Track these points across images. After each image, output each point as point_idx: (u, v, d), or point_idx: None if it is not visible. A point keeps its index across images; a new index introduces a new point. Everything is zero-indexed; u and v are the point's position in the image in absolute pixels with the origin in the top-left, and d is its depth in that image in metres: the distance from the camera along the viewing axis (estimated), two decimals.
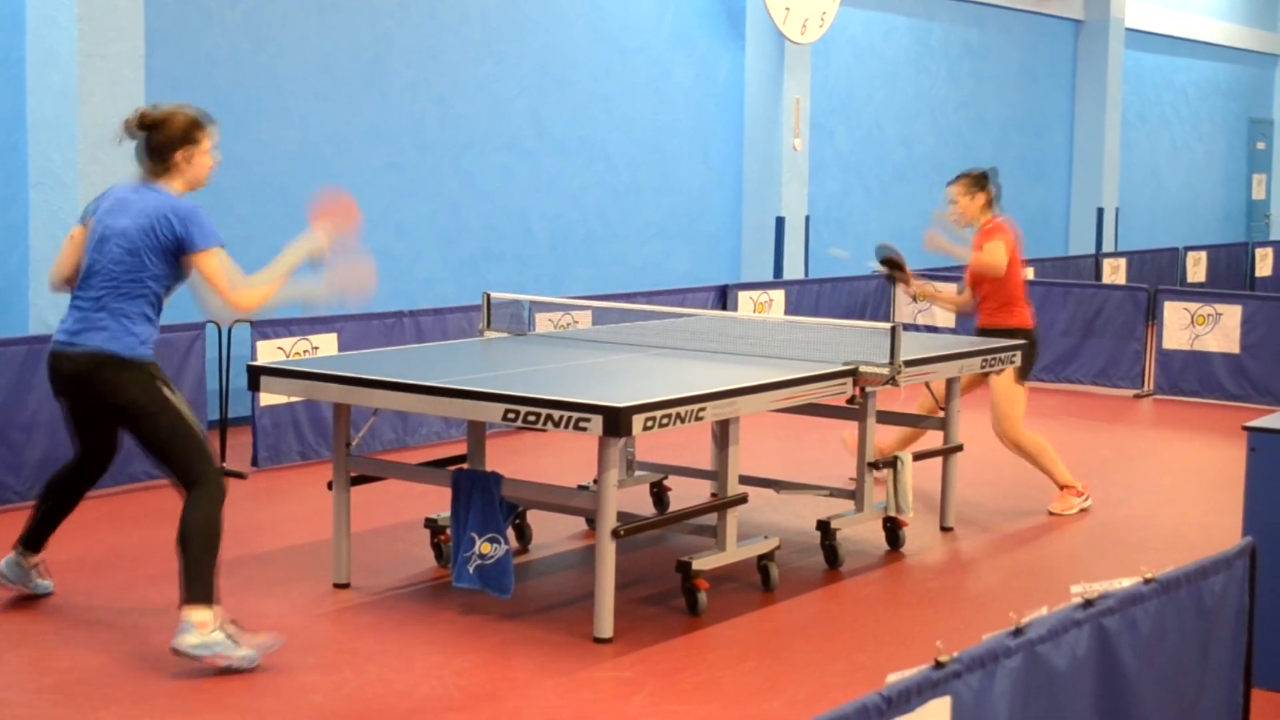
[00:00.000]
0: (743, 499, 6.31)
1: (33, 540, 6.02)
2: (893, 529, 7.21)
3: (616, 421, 5.37)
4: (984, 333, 8.14)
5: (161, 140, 5.51)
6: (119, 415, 5.58)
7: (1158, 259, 17.41)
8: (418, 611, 6.09)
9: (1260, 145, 23.32)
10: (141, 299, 5.49)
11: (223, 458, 8.63)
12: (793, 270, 13.81)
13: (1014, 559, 7.16)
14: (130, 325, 5.49)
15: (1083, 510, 8.05)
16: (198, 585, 5.29)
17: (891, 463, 7.04)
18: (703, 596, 6.08)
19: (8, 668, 5.38)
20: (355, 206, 5.93)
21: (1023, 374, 7.96)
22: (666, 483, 7.87)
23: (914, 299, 9.11)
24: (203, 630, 5.24)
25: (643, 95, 13.01)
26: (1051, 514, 7.98)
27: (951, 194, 8.51)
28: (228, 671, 5.25)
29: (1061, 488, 8.09)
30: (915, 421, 7.93)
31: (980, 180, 8.50)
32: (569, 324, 10.18)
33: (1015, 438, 8.02)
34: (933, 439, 7.67)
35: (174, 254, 5.47)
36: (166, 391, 5.53)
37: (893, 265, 8.70)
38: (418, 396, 5.90)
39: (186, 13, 9.74)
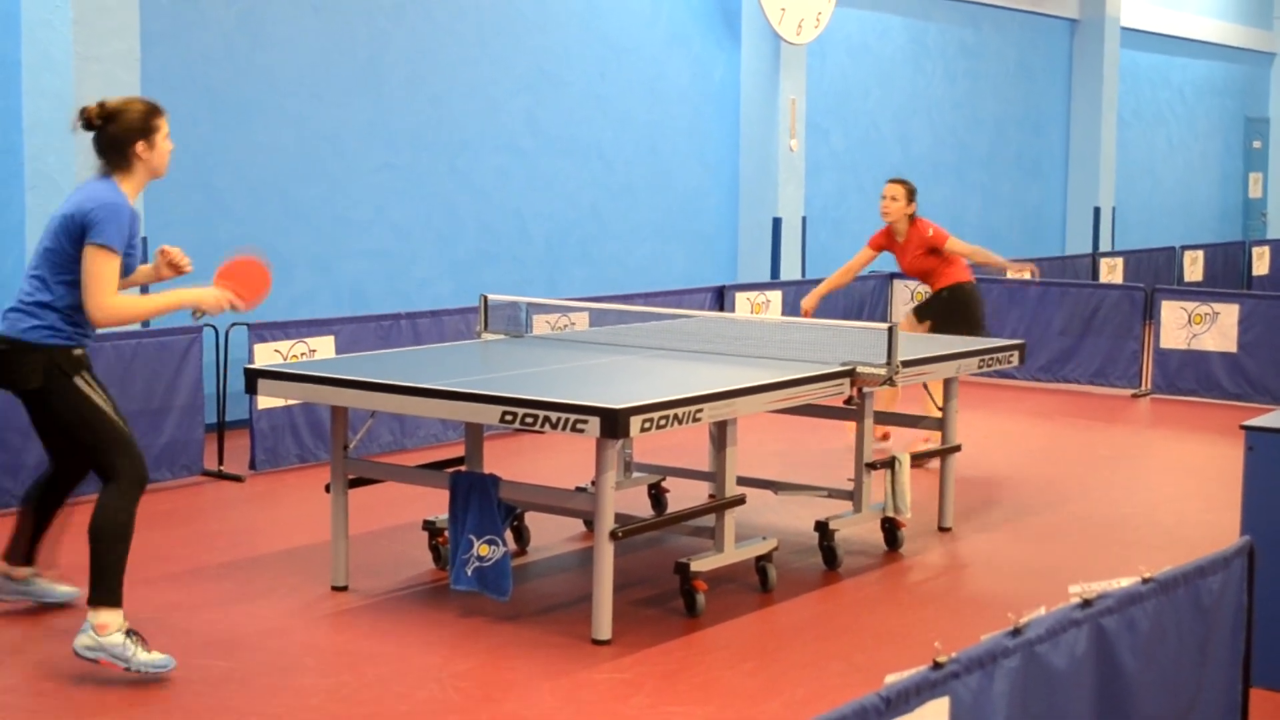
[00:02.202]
0: (741, 500, 6.31)
1: (12, 554, 5.87)
2: (891, 530, 7.21)
3: (614, 423, 5.37)
4: (936, 295, 9.39)
5: (119, 131, 5.40)
6: (32, 403, 5.44)
7: (1154, 258, 17.42)
8: (416, 614, 6.08)
9: (1256, 144, 23.33)
10: (61, 285, 5.32)
11: (220, 461, 8.63)
12: (790, 271, 13.81)
13: (1012, 559, 7.16)
14: (41, 312, 5.32)
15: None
16: (99, 586, 5.20)
17: (889, 463, 7.04)
18: (701, 598, 6.08)
19: (7, 671, 5.38)
20: (268, 280, 5.68)
21: (983, 323, 9.39)
22: (664, 484, 7.86)
23: None
24: (101, 632, 5.15)
25: (638, 95, 13.01)
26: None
27: (891, 191, 9.48)
28: (131, 675, 5.17)
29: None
30: (913, 422, 7.93)
31: (914, 191, 9.59)
32: (566, 325, 10.17)
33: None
34: (932, 439, 7.66)
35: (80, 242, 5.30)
36: (80, 381, 5.35)
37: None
38: (415, 399, 5.90)
39: (181, 13, 9.74)
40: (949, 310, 9.25)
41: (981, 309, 9.44)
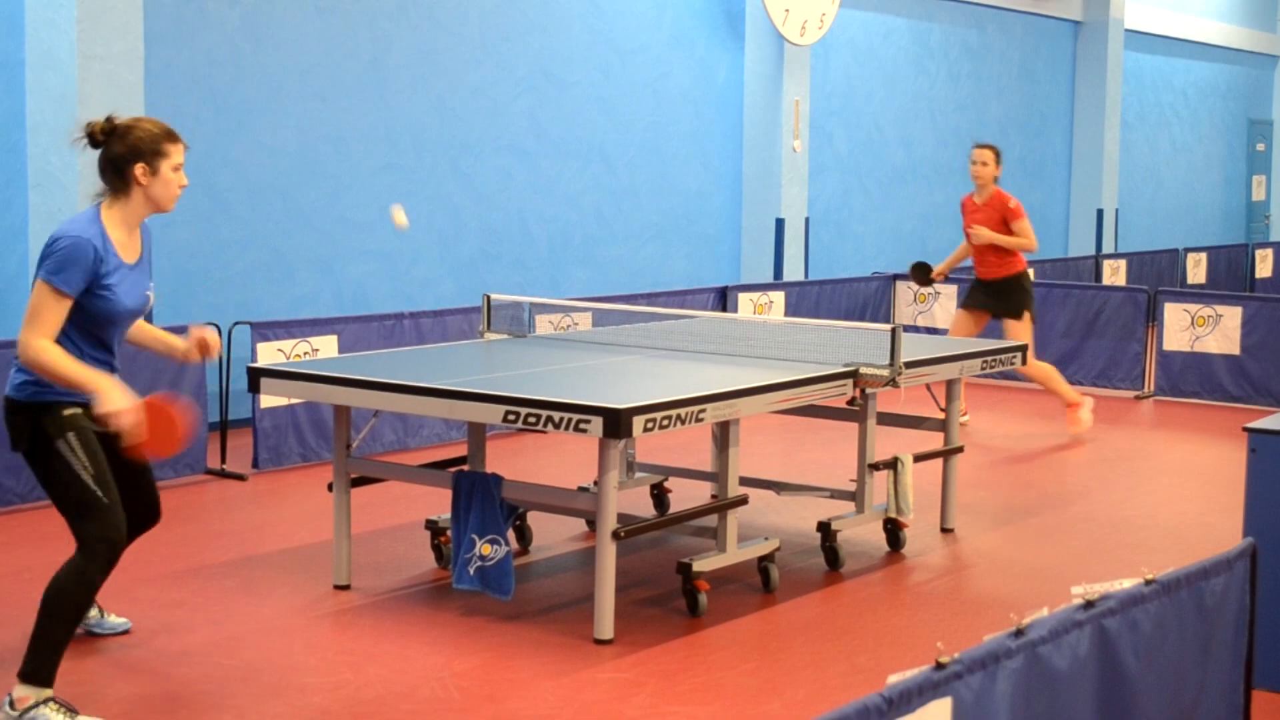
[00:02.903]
0: (743, 500, 6.31)
1: None
2: (893, 530, 7.21)
3: (617, 423, 5.37)
4: (991, 283, 10.19)
5: (121, 150, 4.91)
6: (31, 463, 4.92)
7: (1158, 260, 17.42)
8: (418, 613, 6.09)
9: (1260, 146, 23.32)
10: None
11: (223, 460, 8.64)
12: (793, 272, 13.81)
13: (1014, 560, 7.15)
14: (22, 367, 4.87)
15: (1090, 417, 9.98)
16: (33, 658, 4.76)
17: (892, 464, 7.04)
18: (703, 598, 6.08)
19: (13, 671, 5.37)
20: (178, 444, 4.92)
21: (1032, 310, 10.14)
22: (667, 484, 7.86)
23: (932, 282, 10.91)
24: (19, 706, 4.72)
25: (641, 97, 13.01)
26: (1072, 436, 9.86)
27: (982, 156, 10.24)
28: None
29: (1068, 406, 10.03)
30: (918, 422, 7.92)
31: (1000, 153, 10.39)
32: (569, 326, 10.17)
33: (1028, 368, 9.80)
34: (933, 440, 7.66)
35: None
36: (63, 444, 4.83)
37: (923, 276, 10.76)
38: (418, 398, 5.90)
39: (185, 14, 9.74)
40: (1016, 297, 10.17)
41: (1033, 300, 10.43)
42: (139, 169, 4.91)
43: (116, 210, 4.95)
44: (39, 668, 4.75)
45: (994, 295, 10.26)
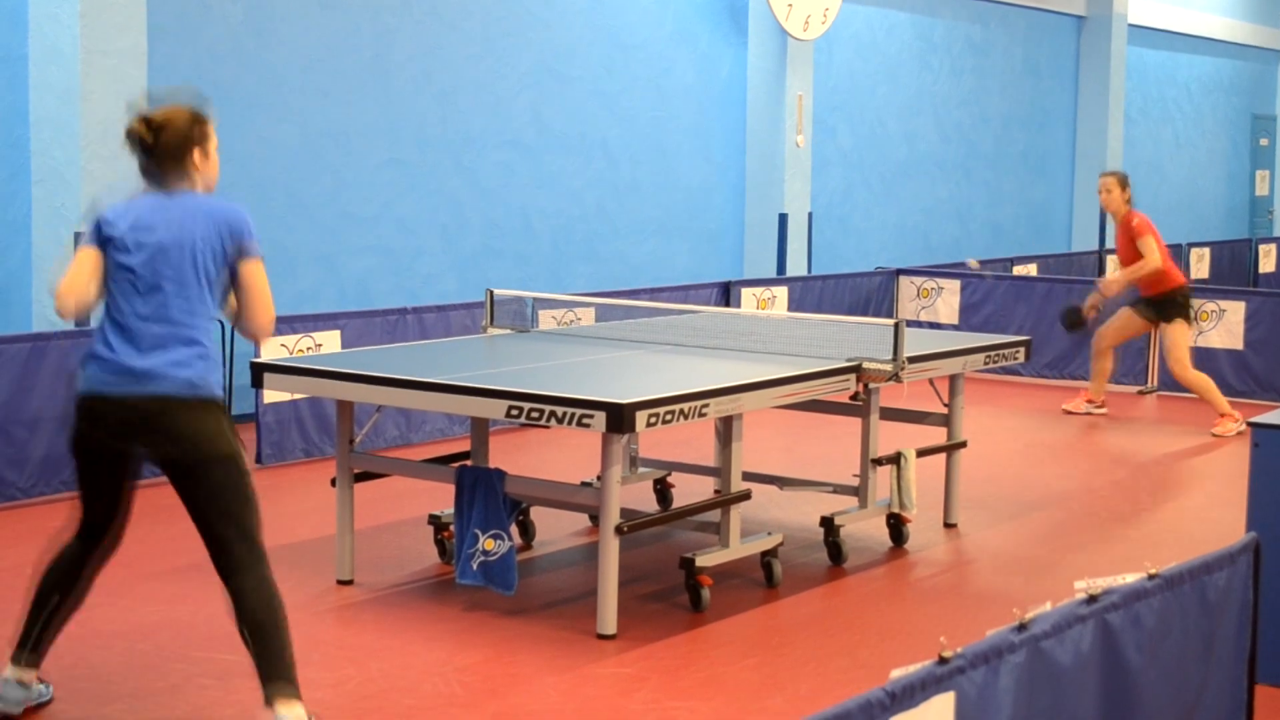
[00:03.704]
0: (746, 495, 6.31)
1: (21, 653, 4.85)
2: (896, 525, 7.21)
3: (620, 418, 5.37)
4: (1150, 299, 10.46)
5: (177, 141, 4.82)
6: (198, 468, 4.65)
7: None
8: (421, 608, 6.09)
9: (1263, 141, 23.30)
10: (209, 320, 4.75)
11: None
12: (796, 267, 13.81)
13: (1017, 555, 7.15)
14: (209, 353, 4.71)
15: (1239, 433, 9.98)
16: (287, 674, 4.55)
17: (895, 459, 7.04)
18: (706, 593, 6.08)
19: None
20: None
21: (1187, 318, 10.44)
22: (670, 479, 7.86)
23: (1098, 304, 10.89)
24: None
25: (644, 92, 13.01)
26: (1214, 435, 10.12)
27: (1104, 184, 10.70)
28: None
29: (1220, 415, 10.24)
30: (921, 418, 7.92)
31: (1126, 179, 10.78)
32: (572, 321, 10.17)
33: (1183, 374, 10.28)
34: (936, 435, 7.66)
35: (233, 264, 4.78)
36: (243, 449, 4.72)
37: (1075, 320, 10.85)
38: (421, 393, 5.90)
39: (188, 8, 9.74)
40: (1172, 308, 10.41)
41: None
42: (196, 154, 4.90)
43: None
44: (291, 672, 4.56)
45: (1155, 307, 10.52)
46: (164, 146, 4.81)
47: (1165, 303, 10.44)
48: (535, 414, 5.55)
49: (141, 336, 4.62)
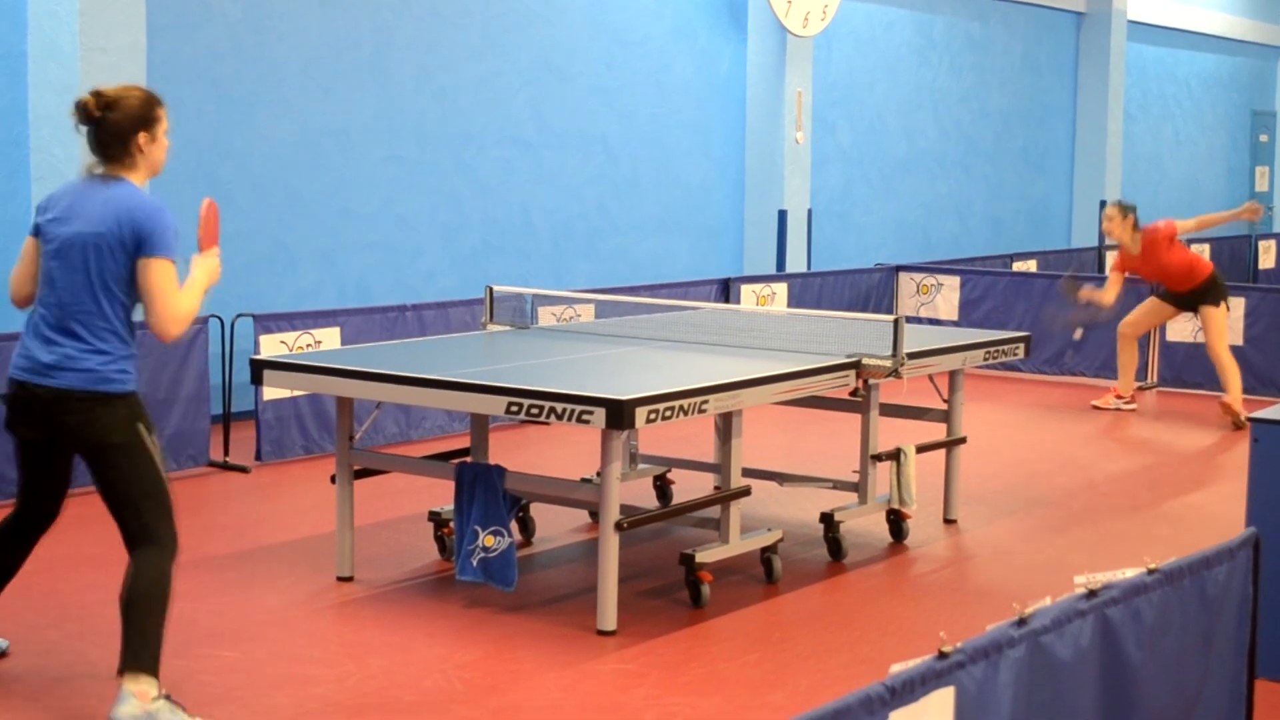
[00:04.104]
0: (746, 491, 6.31)
1: None
2: (896, 521, 7.21)
3: (619, 414, 5.37)
4: (1182, 293, 10.64)
5: (121, 121, 4.87)
6: (96, 457, 4.86)
7: None
8: (421, 604, 6.09)
9: (1263, 138, 23.29)
10: (125, 313, 4.85)
11: (226, 452, 8.64)
12: (795, 263, 13.80)
13: (1017, 550, 7.16)
14: (108, 348, 4.80)
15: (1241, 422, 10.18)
16: (145, 653, 4.72)
17: (895, 455, 7.04)
18: (706, 589, 6.08)
19: (14, 661, 5.38)
20: (215, 213, 5.14)
21: (1225, 300, 10.63)
22: (670, 475, 7.86)
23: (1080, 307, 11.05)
24: (144, 700, 4.68)
25: (644, 88, 13.00)
26: (1236, 419, 10.26)
27: (1108, 213, 10.89)
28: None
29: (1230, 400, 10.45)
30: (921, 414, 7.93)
31: (1129, 207, 10.90)
32: (571, 317, 10.17)
33: (1224, 353, 10.47)
34: (936, 431, 7.66)
35: (134, 256, 4.78)
36: (150, 438, 4.86)
37: (1073, 289, 11.08)
38: (421, 390, 5.90)
39: (187, 5, 9.74)
40: (1212, 292, 10.56)
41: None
42: (142, 137, 4.91)
43: (129, 179, 4.93)
44: (152, 659, 4.73)
45: (1191, 296, 10.64)
46: (111, 123, 4.88)
47: (1201, 292, 10.58)
48: (535, 410, 5.55)
49: (47, 328, 4.82)
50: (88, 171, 4.96)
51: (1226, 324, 10.69)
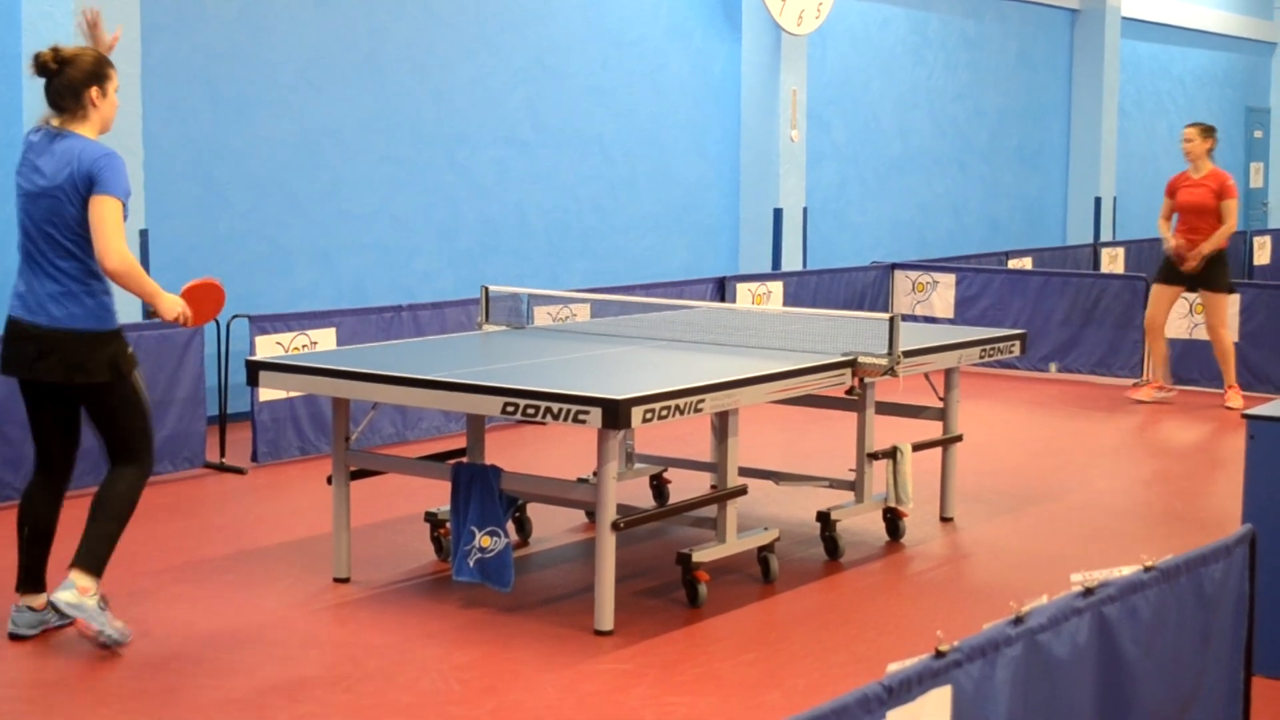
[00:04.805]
0: (742, 491, 6.31)
1: (27, 583, 5.58)
2: (892, 520, 7.22)
3: (615, 414, 5.37)
4: (1183, 273, 10.83)
5: (77, 76, 5.36)
6: (86, 398, 5.49)
7: (1156, 248, 17.31)
8: (418, 605, 6.09)
9: (1257, 134, 23.30)
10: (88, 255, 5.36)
11: (222, 453, 8.64)
12: (791, 262, 13.81)
13: (1014, 548, 7.16)
14: (81, 289, 5.37)
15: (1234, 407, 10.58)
16: (96, 556, 5.35)
17: (891, 453, 7.04)
18: (703, 588, 6.08)
19: (7, 664, 5.38)
20: (221, 304, 5.62)
21: (1222, 286, 10.86)
22: (666, 475, 7.86)
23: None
24: (83, 594, 5.28)
25: (639, 87, 13.00)
26: (1229, 408, 10.61)
27: (1187, 134, 11.26)
28: (97, 640, 5.34)
29: (1229, 386, 10.86)
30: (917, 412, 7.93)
31: (1211, 130, 11.28)
32: (567, 317, 10.17)
33: (1225, 337, 10.81)
34: (932, 429, 7.66)
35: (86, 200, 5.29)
36: (137, 374, 5.56)
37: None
38: (417, 390, 5.90)
39: (182, 6, 9.73)
40: (1219, 270, 10.83)
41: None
42: (94, 92, 5.40)
43: (81, 132, 5.39)
44: (99, 560, 5.36)
45: (1194, 274, 10.84)
46: (67, 77, 5.38)
47: (1213, 264, 10.81)
48: (531, 410, 5.55)
49: (30, 273, 5.40)
50: (45, 125, 5.43)
51: (1228, 313, 10.93)
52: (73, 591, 5.26)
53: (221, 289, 5.61)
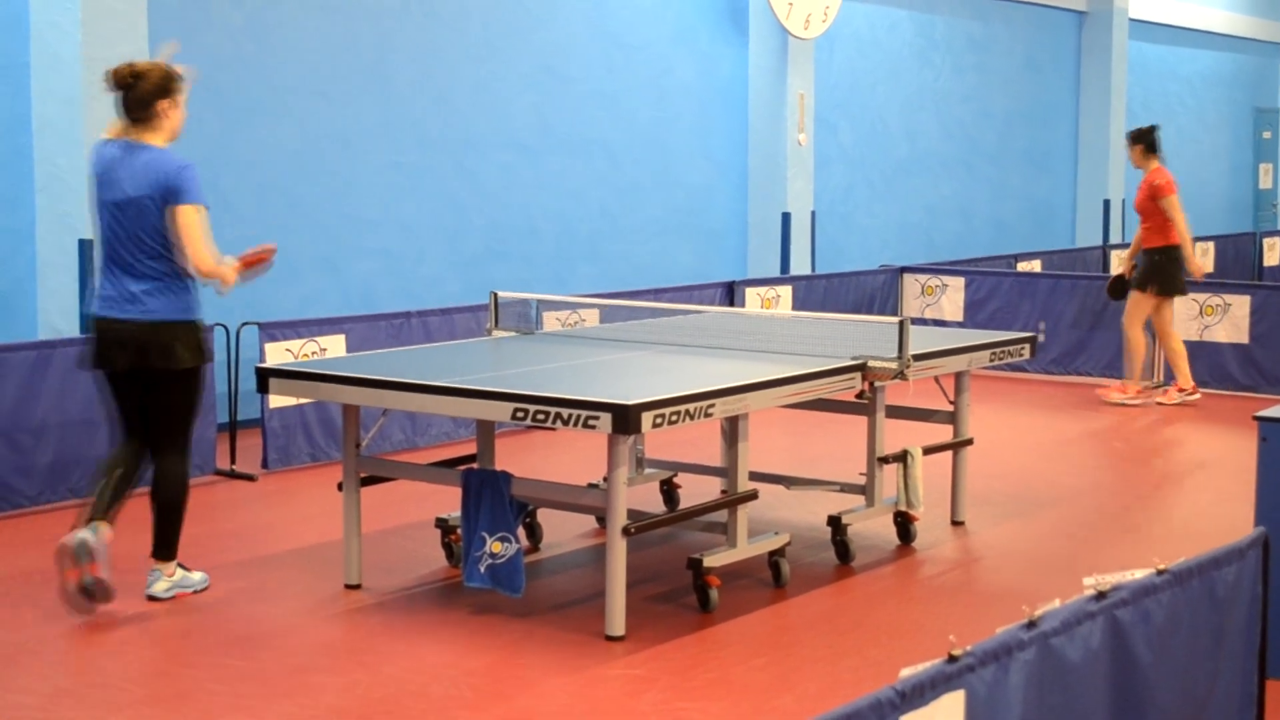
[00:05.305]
0: (753, 495, 6.30)
1: (107, 514, 5.93)
2: (904, 524, 7.20)
3: (625, 419, 5.37)
4: (1144, 251, 11.04)
5: (148, 89, 5.90)
6: (157, 383, 6.01)
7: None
8: (429, 611, 6.09)
9: (1266, 135, 23.27)
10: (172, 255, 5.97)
11: (232, 460, 8.64)
12: (799, 265, 13.80)
13: (1026, 552, 7.15)
14: (168, 286, 5.97)
15: (1185, 403, 10.96)
16: (171, 544, 6.09)
17: (901, 457, 7.03)
18: (714, 593, 6.07)
19: (24, 671, 5.39)
20: (273, 253, 6.36)
21: (1152, 288, 10.85)
22: (676, 480, 7.86)
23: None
24: (170, 576, 6.10)
25: (645, 92, 13.00)
26: (1159, 404, 10.92)
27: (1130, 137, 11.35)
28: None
29: (1180, 386, 11.03)
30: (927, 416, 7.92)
31: (1139, 134, 11.43)
32: (576, 322, 10.17)
33: (1135, 333, 10.93)
34: (942, 433, 7.65)
35: (166, 210, 5.89)
36: (205, 368, 6.25)
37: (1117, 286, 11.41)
38: (427, 396, 5.90)
39: (189, 15, 9.74)
40: (1153, 269, 10.89)
41: (1181, 273, 10.95)
42: (165, 103, 5.96)
43: (152, 141, 5.96)
44: (173, 547, 6.10)
45: (1142, 265, 11.04)
46: (140, 90, 5.91)
47: (1168, 258, 10.90)
48: (541, 416, 5.54)
49: (118, 275, 5.96)
50: (121, 135, 5.97)
51: (1149, 312, 10.91)
52: (164, 580, 6.07)
53: (270, 255, 6.31)
